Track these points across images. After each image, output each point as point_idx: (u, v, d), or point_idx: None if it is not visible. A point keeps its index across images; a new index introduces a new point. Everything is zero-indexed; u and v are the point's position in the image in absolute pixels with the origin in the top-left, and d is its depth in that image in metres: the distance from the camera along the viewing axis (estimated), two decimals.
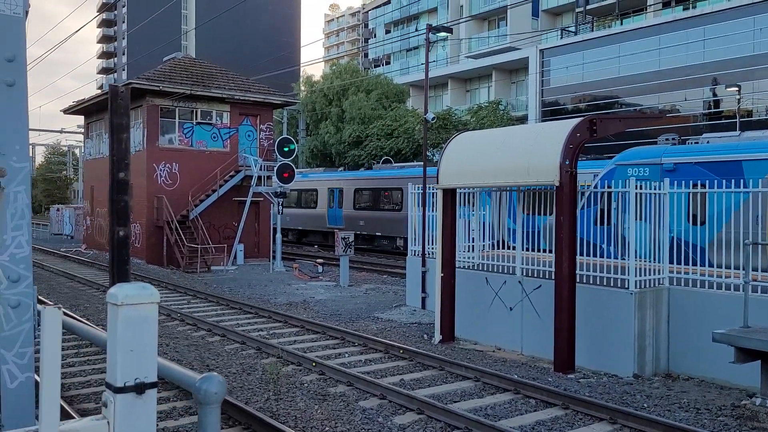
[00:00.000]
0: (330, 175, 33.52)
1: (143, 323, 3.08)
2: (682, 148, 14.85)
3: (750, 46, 29.52)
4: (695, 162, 13.62)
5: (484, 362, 10.23)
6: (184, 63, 28.41)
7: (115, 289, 3.08)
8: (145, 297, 3.10)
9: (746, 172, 12.14)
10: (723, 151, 13.58)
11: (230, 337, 11.83)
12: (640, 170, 14.86)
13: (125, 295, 3.04)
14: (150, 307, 3.11)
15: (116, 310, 3.03)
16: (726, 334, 6.77)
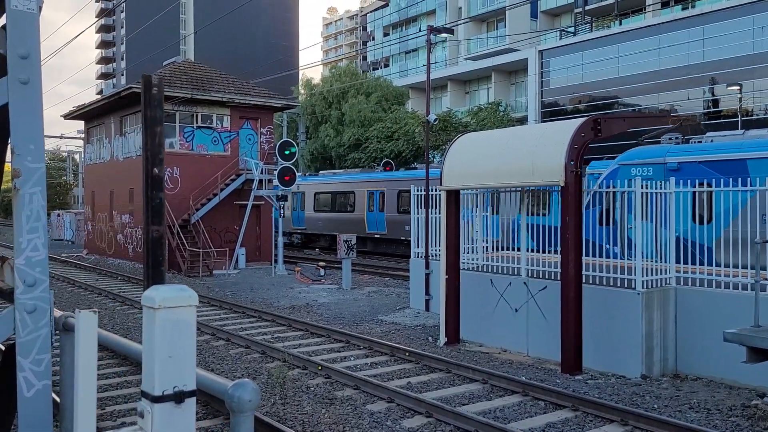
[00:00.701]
0: (370, 176, 31.21)
1: (182, 327, 2.93)
2: (685, 147, 14.77)
3: (749, 45, 29.51)
4: (699, 161, 13.56)
5: (490, 364, 10.16)
6: (184, 67, 28.38)
7: (151, 292, 2.91)
8: (184, 299, 2.95)
9: (751, 171, 12.09)
10: (727, 150, 13.51)
11: (234, 341, 11.76)
12: (644, 170, 14.80)
13: (162, 297, 2.88)
14: (188, 310, 2.95)
15: (153, 314, 2.87)
16: (737, 333, 6.71)
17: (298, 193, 34.36)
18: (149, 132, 3.63)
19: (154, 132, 3.62)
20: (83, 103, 31.51)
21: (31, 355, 3.40)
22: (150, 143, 3.64)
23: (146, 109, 3.64)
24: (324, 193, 33.23)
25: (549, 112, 38.10)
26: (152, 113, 3.62)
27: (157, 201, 3.58)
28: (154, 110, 3.62)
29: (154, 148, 3.63)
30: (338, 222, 32.01)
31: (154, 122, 3.63)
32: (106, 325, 13.72)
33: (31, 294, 3.52)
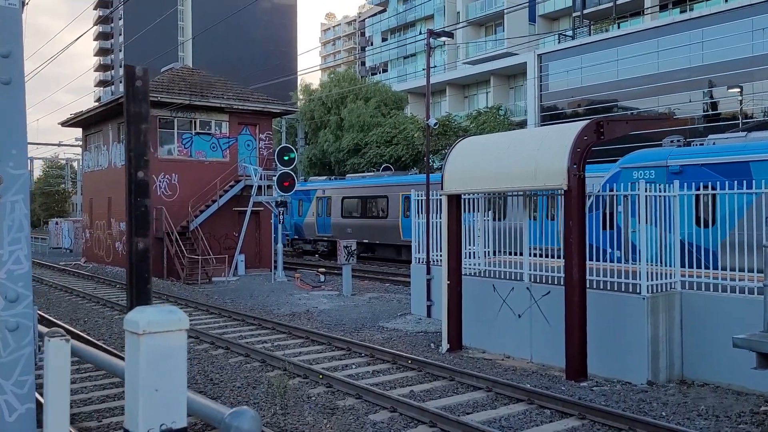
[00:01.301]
0: (404, 179, 28.31)
1: (170, 355, 2.53)
2: (687, 150, 14.65)
3: (749, 47, 29.45)
4: (702, 164, 13.43)
5: (494, 371, 10.01)
6: (182, 73, 28.29)
7: (135, 314, 2.54)
8: (172, 323, 2.54)
9: (754, 173, 11.96)
10: (730, 153, 13.40)
11: (234, 350, 11.60)
12: (646, 173, 14.67)
13: (148, 321, 2.49)
14: (178, 335, 2.57)
15: (137, 341, 2.47)
16: (747, 339, 6.57)
17: (324, 198, 32.65)
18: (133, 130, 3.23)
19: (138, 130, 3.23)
20: (81, 111, 31.41)
21: (14, 376, 3.13)
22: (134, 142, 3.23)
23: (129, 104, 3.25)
24: (352, 197, 30.69)
25: (548, 116, 38.02)
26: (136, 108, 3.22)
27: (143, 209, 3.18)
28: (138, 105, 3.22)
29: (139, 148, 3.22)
30: (369, 229, 29.74)
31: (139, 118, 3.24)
32: (104, 334, 13.57)
33: (14, 311, 3.23)
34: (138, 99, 3.32)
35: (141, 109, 3.35)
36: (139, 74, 3.34)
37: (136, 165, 3.32)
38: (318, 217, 33.02)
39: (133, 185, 3.32)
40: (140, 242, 3.31)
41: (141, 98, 3.33)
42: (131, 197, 3.31)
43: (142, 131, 3.37)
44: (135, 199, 3.31)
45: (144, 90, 3.33)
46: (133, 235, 3.32)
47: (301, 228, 34.59)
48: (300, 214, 34.40)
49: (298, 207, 34.41)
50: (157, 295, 19.44)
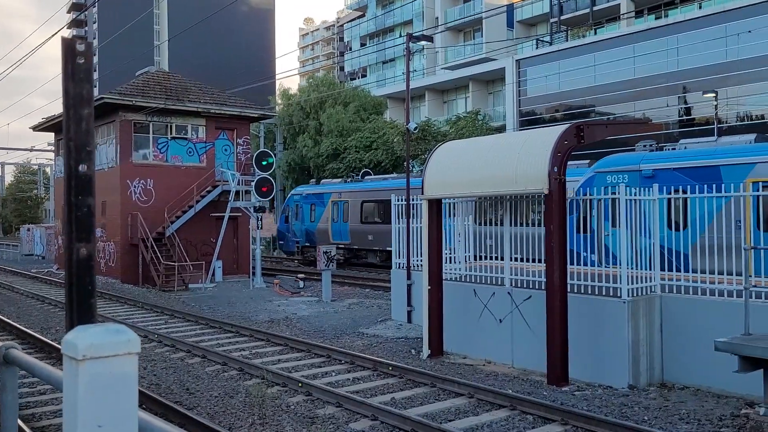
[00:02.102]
0: None
1: (117, 385, 2.04)
2: (660, 154, 14.85)
3: (722, 53, 29.91)
4: (674, 168, 13.61)
5: (475, 377, 9.92)
6: (158, 77, 27.91)
7: (74, 336, 2.04)
8: (120, 345, 2.05)
9: (724, 177, 12.13)
10: (701, 157, 13.62)
11: (211, 358, 11.36)
12: (619, 177, 14.81)
13: (89, 343, 1.99)
14: (127, 360, 2.07)
15: (75, 367, 1.99)
16: (729, 342, 6.55)
17: (340, 203, 30.02)
18: (73, 115, 2.62)
19: (79, 115, 2.61)
20: (53, 115, 30.83)
21: None
22: (74, 130, 2.62)
23: (68, 83, 2.66)
24: (373, 201, 28.19)
25: (527, 121, 38.24)
26: (77, 89, 2.63)
27: (85, 209, 2.56)
28: (79, 85, 2.62)
29: (80, 137, 2.59)
30: None
31: (80, 101, 2.62)
32: None
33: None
34: (79, 78, 2.71)
35: (83, 90, 2.72)
36: (80, 49, 2.71)
37: (77, 158, 2.65)
38: (333, 223, 30.33)
39: (73, 181, 2.65)
40: (82, 248, 2.62)
41: (83, 77, 2.72)
42: (70, 195, 2.64)
43: (83, 117, 2.67)
44: (75, 198, 2.64)
45: (87, 68, 2.72)
46: (73, 240, 2.63)
47: (313, 234, 31.58)
48: (312, 220, 31.70)
49: (310, 212, 31.87)
50: (132, 303, 19.07)
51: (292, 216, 33.08)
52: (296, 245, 32.74)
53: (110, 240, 26.55)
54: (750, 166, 12.53)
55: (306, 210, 32.18)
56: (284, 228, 33.91)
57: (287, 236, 33.53)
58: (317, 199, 31.72)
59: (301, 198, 32.71)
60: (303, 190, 33.33)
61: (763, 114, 29.41)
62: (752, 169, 12.49)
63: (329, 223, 30.53)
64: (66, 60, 2.74)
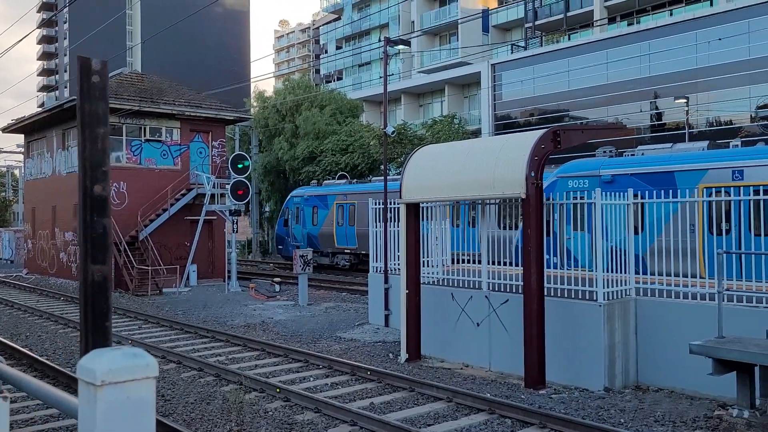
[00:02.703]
0: None
1: (135, 410, 2.01)
2: (618, 160, 15.30)
3: (693, 59, 30.50)
4: (631, 173, 14.00)
5: (453, 381, 9.94)
6: (131, 78, 27.53)
7: (91, 361, 2.00)
8: (138, 370, 2.03)
9: (678, 183, 12.47)
10: (656, 163, 14.05)
11: (186, 364, 11.21)
12: (581, 182, 15.22)
13: (107, 368, 1.97)
14: (145, 385, 2.05)
15: (93, 394, 1.96)
16: (703, 345, 6.66)
17: (346, 205, 28.16)
18: (88, 135, 2.56)
19: (95, 135, 2.55)
20: (23, 116, 30.22)
21: None
22: (89, 150, 2.55)
23: (84, 103, 2.60)
24: None
25: (502, 125, 38.54)
26: (92, 108, 2.57)
27: (101, 230, 2.53)
28: (94, 104, 2.57)
29: (96, 156, 2.54)
30: None
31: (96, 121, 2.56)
32: (47, 349, 12.94)
33: None
34: (94, 97, 2.66)
35: (98, 109, 2.66)
36: (96, 68, 2.65)
37: (92, 177, 2.61)
38: (338, 227, 28.61)
39: (89, 201, 2.59)
40: (98, 271, 2.55)
41: (98, 96, 2.67)
42: (86, 216, 2.56)
43: (99, 136, 2.64)
44: (91, 218, 2.58)
45: (102, 86, 2.67)
46: (88, 261, 2.54)
47: (315, 239, 29.88)
48: (314, 223, 29.92)
49: (312, 215, 30.05)
50: None
51: (292, 219, 31.12)
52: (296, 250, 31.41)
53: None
54: (702, 172, 13.02)
55: (307, 213, 30.28)
56: (283, 232, 32.03)
57: (286, 240, 31.49)
58: (320, 201, 29.69)
59: (302, 200, 30.60)
60: (304, 192, 31.16)
61: (731, 119, 30.04)
62: (704, 175, 12.96)
63: (334, 226, 28.84)
64: (81, 78, 2.68)
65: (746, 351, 6.29)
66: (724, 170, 12.99)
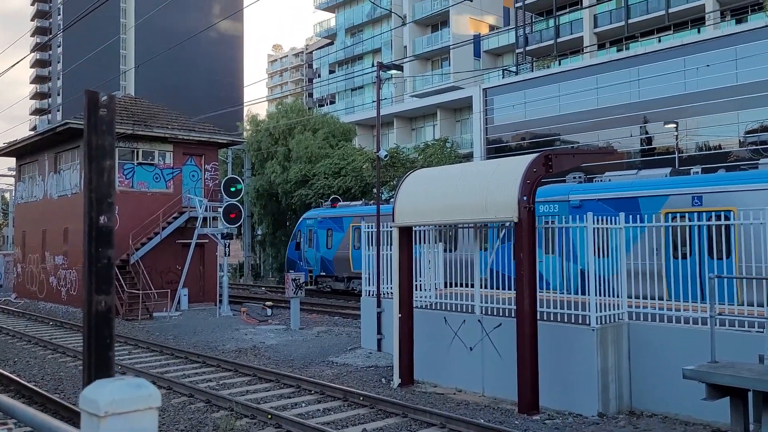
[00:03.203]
0: None
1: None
2: (587, 186, 15.74)
3: (681, 85, 30.91)
4: (598, 198, 14.36)
5: (447, 406, 9.86)
6: (125, 102, 27.60)
7: (93, 391, 2.02)
8: (141, 400, 2.05)
9: (642, 208, 12.75)
10: (622, 189, 14.43)
11: (176, 390, 11.07)
12: (551, 207, 15.57)
13: (111, 399, 1.98)
14: (149, 415, 2.06)
15: (96, 425, 1.97)
16: (696, 370, 6.64)
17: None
18: (94, 167, 2.68)
19: (101, 167, 2.66)
20: (15, 140, 30.18)
21: None
22: (95, 182, 2.67)
23: (91, 136, 2.73)
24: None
25: (494, 149, 38.80)
26: (99, 141, 2.69)
27: (105, 261, 2.69)
28: (101, 137, 2.68)
29: (102, 188, 2.65)
30: None
31: (102, 153, 2.68)
32: (36, 375, 12.76)
33: None
34: (101, 130, 2.76)
35: (105, 142, 2.76)
36: (104, 102, 2.78)
37: (98, 209, 2.69)
38: (354, 250, 26.81)
39: (94, 232, 2.67)
40: (102, 301, 2.60)
41: (105, 129, 2.77)
42: (91, 247, 2.64)
43: (105, 169, 2.71)
44: (96, 250, 2.65)
45: (109, 120, 2.76)
46: (92, 292, 2.62)
47: (330, 263, 28.66)
48: (329, 246, 28.64)
49: (326, 238, 28.78)
50: None
51: (305, 242, 29.90)
52: (309, 274, 29.24)
53: (72, 268, 25.89)
54: (664, 198, 13.43)
55: (321, 236, 29.08)
56: (295, 255, 30.62)
57: (298, 265, 29.98)
58: (335, 224, 28.34)
59: (316, 222, 29.43)
60: (317, 214, 29.90)
61: (720, 144, 30.37)
62: (666, 201, 13.33)
63: (350, 250, 27.44)
64: (89, 112, 2.77)
65: (739, 376, 6.28)
66: (684, 196, 13.37)
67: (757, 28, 28.36)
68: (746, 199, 12.34)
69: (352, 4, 61.84)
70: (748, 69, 28.36)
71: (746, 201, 12.17)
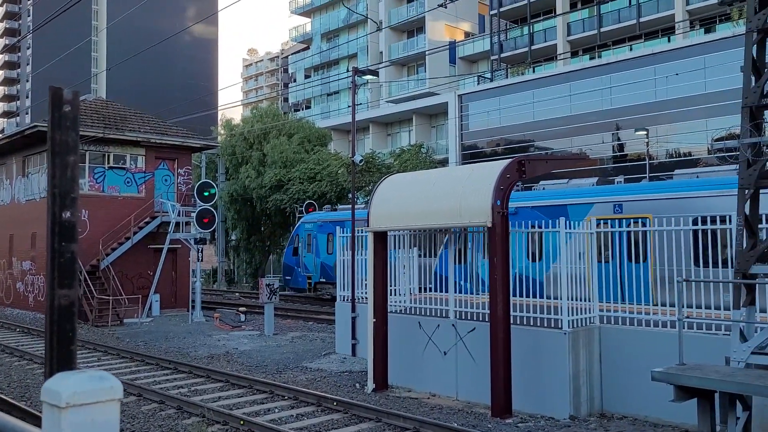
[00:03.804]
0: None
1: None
2: (522, 194, 16.57)
3: (652, 93, 31.45)
4: (532, 206, 15.00)
5: (420, 411, 9.86)
6: (96, 105, 27.19)
7: (55, 383, 2.03)
8: (103, 392, 2.04)
9: (570, 215, 13.26)
10: (553, 197, 15.07)
11: (147, 397, 10.90)
12: None
13: (72, 391, 1.98)
14: (110, 407, 2.06)
15: (57, 416, 1.96)
16: (665, 372, 6.74)
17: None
18: (58, 162, 2.76)
19: (65, 163, 2.75)
20: None
21: None
22: (59, 177, 2.76)
23: (54, 132, 2.80)
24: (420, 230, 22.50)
25: (469, 155, 39.02)
26: (63, 137, 2.77)
27: (68, 255, 2.74)
28: (65, 133, 2.76)
29: (65, 184, 2.74)
30: None
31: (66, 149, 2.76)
32: (1, 382, 12.46)
33: None
34: (65, 126, 2.84)
35: (68, 138, 2.84)
36: (67, 98, 2.85)
37: (61, 204, 2.75)
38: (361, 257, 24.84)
39: (57, 227, 2.74)
40: (64, 296, 2.67)
41: (69, 126, 2.85)
42: (54, 242, 2.69)
43: (69, 164, 2.79)
44: (59, 244, 2.71)
45: (73, 116, 2.84)
46: (54, 287, 2.68)
47: (331, 269, 26.53)
48: (330, 252, 26.84)
49: (327, 243, 27.18)
50: None
51: (303, 247, 28.20)
52: (308, 281, 27.92)
53: (40, 273, 25.36)
54: (590, 206, 14.09)
55: (321, 241, 27.47)
56: (292, 261, 28.96)
57: (296, 271, 28.65)
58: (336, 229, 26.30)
59: (315, 227, 27.60)
60: (317, 218, 28.08)
61: (690, 151, 30.95)
62: (591, 209, 13.97)
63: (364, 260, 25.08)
64: (53, 108, 2.79)
65: (706, 378, 6.38)
66: (607, 204, 14.05)
67: (725, 38, 28.99)
68: (660, 207, 12.95)
69: (328, 9, 61.83)
70: (716, 78, 28.97)
71: (660, 209, 12.78)
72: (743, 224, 7.20)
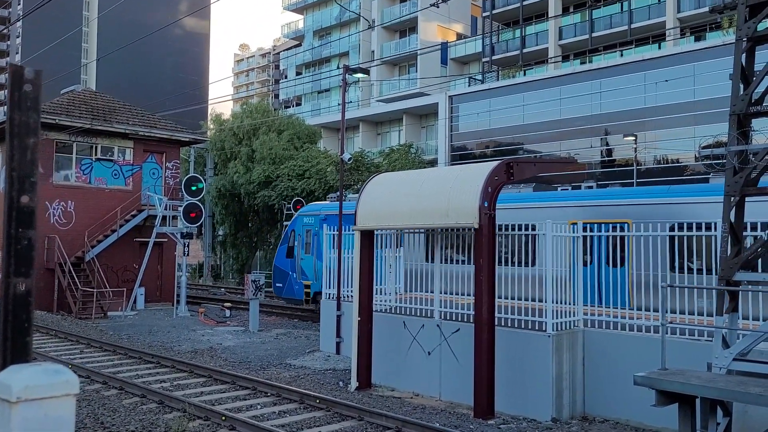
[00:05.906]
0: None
1: (53, 428, 1.91)
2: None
3: (641, 99, 31.65)
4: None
5: (403, 410, 9.86)
6: (84, 96, 26.95)
7: (7, 376, 1.93)
8: (58, 386, 1.94)
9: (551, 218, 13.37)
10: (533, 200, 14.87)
11: (129, 390, 10.82)
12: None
13: (25, 384, 1.88)
14: (65, 402, 1.96)
15: (8, 410, 1.86)
16: (647, 377, 6.77)
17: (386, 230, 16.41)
18: (17, 144, 2.63)
19: (24, 144, 2.61)
20: None
21: None
22: (17, 160, 2.63)
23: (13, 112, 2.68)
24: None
25: (458, 156, 39.08)
26: (23, 117, 2.64)
27: (25, 242, 2.58)
28: (25, 113, 2.63)
29: (24, 167, 2.60)
30: None
31: (26, 130, 2.62)
32: None
33: None
34: (25, 106, 2.67)
35: (29, 118, 2.64)
36: (29, 76, 2.64)
37: (19, 188, 2.58)
38: None
39: (15, 213, 2.58)
40: (21, 283, 2.52)
41: (30, 106, 2.68)
42: (11, 227, 2.54)
43: (29, 146, 2.57)
44: (16, 230, 2.56)
45: (34, 96, 2.68)
46: (11, 274, 2.53)
47: None
48: None
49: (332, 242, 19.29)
50: (45, 331, 17.99)
51: (300, 247, 21.79)
52: (305, 290, 21.36)
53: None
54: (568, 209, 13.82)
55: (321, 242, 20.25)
56: (286, 264, 22.40)
57: (290, 277, 22.21)
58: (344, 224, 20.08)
59: (317, 221, 21.08)
60: (320, 210, 21.48)
61: (678, 158, 31.19)
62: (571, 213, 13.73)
63: None
64: (13, 87, 2.66)
65: (688, 383, 6.42)
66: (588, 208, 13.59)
67: (715, 46, 29.22)
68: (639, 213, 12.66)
69: (320, 7, 61.68)
70: (704, 85, 29.19)
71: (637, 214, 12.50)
72: (728, 231, 7.25)
